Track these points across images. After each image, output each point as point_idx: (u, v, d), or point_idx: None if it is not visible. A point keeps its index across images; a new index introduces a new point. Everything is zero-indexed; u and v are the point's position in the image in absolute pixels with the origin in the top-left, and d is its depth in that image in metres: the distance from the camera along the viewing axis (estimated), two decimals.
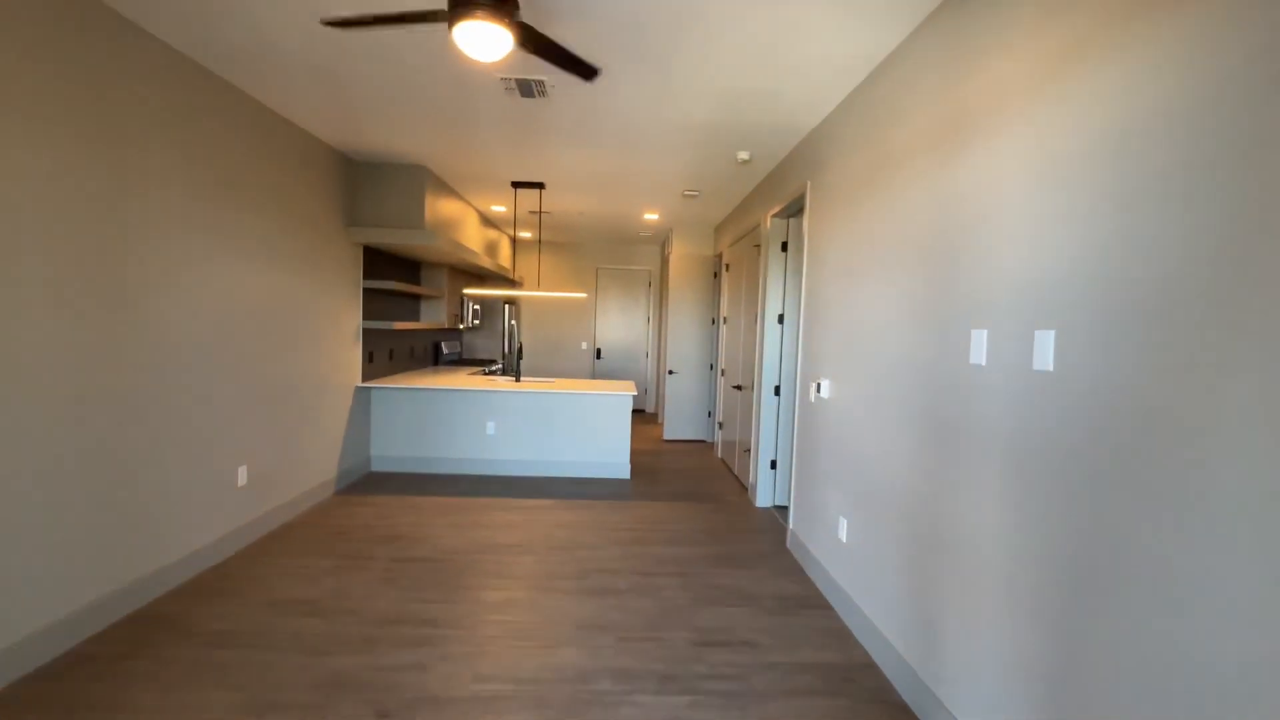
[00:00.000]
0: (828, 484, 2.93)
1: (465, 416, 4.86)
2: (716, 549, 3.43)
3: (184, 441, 2.74)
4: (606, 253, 8.45)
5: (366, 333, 4.67)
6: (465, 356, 7.53)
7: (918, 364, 2.10)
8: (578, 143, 3.79)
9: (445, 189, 4.99)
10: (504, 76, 2.78)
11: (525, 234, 7.73)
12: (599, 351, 8.51)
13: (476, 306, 6.95)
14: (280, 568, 2.98)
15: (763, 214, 4.39)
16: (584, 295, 5.00)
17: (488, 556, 3.21)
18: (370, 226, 4.41)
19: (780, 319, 4.20)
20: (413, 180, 4.49)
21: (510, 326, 7.73)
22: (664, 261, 7.76)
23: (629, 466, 4.91)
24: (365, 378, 4.66)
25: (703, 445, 6.46)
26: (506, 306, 7.50)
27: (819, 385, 3.06)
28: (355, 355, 4.51)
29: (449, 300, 5.94)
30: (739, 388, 5.02)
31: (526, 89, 2.89)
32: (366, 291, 4.63)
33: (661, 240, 7.92)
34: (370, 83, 2.91)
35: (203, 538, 2.89)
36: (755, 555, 3.36)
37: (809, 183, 3.36)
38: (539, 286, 8.42)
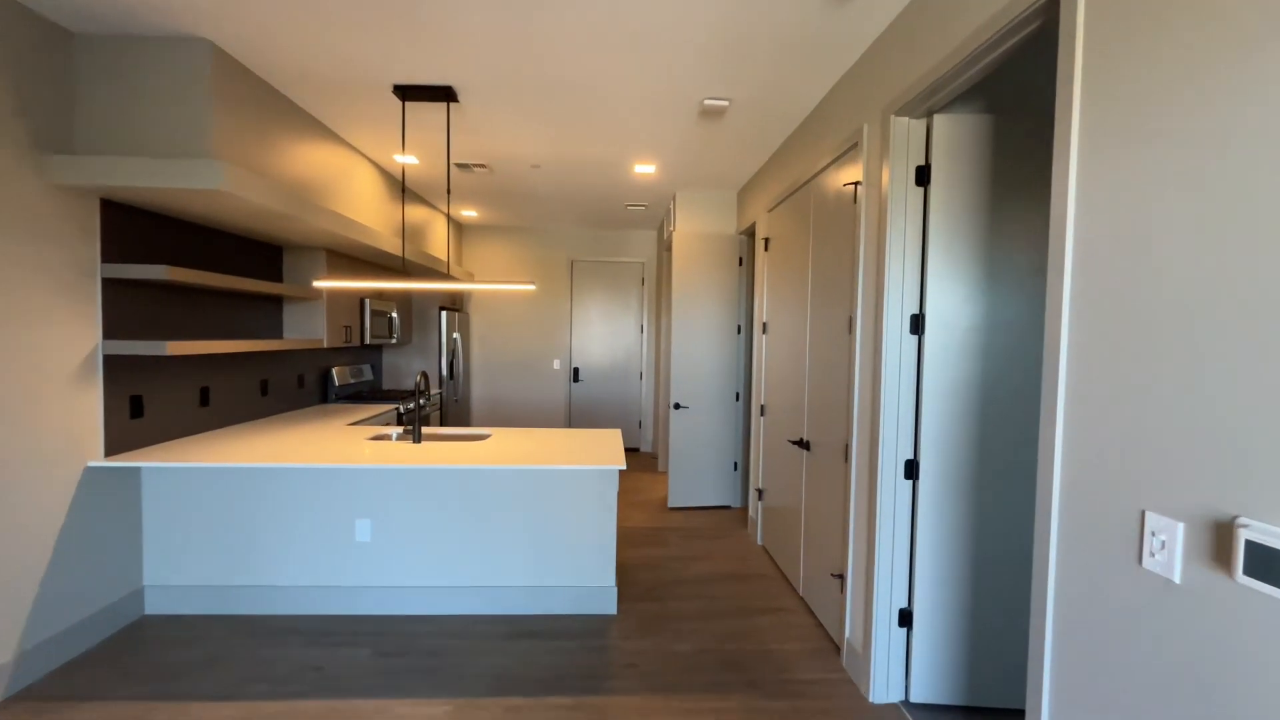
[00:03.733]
0: None
1: (318, 513, 2.69)
2: None
3: None
4: (584, 240, 6.33)
5: (129, 361, 2.51)
6: (386, 387, 5.37)
7: None
8: None
9: (265, 96, 2.83)
10: None
11: (469, 212, 5.60)
12: (576, 372, 6.36)
13: (393, 314, 4.79)
14: None
15: (868, 119, 2.28)
16: (531, 286, 2.90)
17: None
18: (109, 156, 2.24)
19: (917, 324, 2.08)
20: (182, 68, 2.35)
21: (451, 341, 5.58)
22: (662, 249, 5.65)
23: (614, 591, 2.75)
24: (118, 447, 2.48)
25: (728, 516, 4.31)
26: (444, 314, 5.35)
27: (1246, 542, 0.92)
28: (88, 405, 2.34)
29: (332, 305, 3.78)
30: (803, 445, 2.90)
31: None
32: (127, 285, 2.48)
33: (659, 222, 5.82)
34: None
35: None
36: None
37: None
38: (473, 280, 6.27)
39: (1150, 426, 1.05)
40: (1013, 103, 2.20)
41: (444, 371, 5.42)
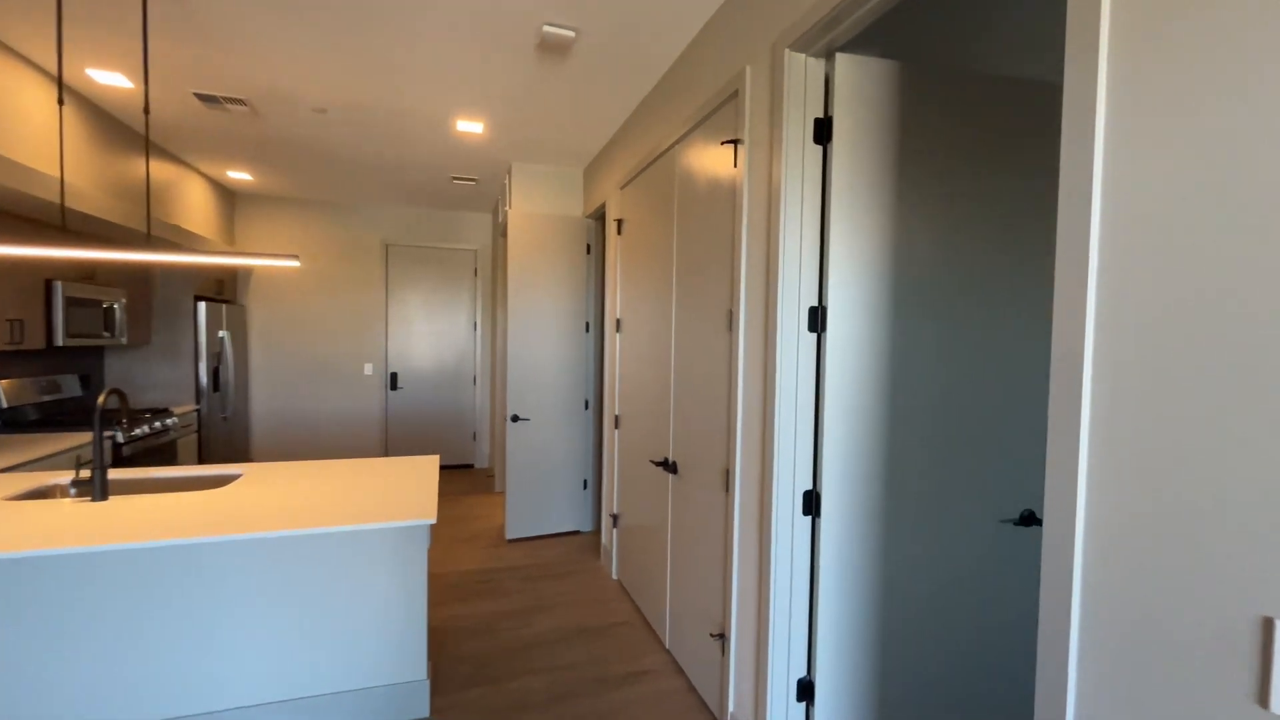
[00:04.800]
0: None
1: None
2: None
3: None
4: (403, 221, 5.32)
5: None
6: (108, 406, 3.92)
7: None
8: None
9: None
10: None
11: (241, 175, 4.34)
12: (394, 378, 5.33)
13: (115, 304, 3.45)
14: None
15: (752, 60, 1.81)
16: (292, 261, 2.04)
17: None
18: None
19: (816, 320, 1.64)
20: None
21: (217, 342, 4.26)
22: (498, 234, 4.88)
23: (426, 686, 2.00)
24: None
25: (578, 544, 3.72)
26: (202, 306, 4.05)
27: None
28: None
29: None
30: (668, 467, 2.39)
31: None
32: None
33: (494, 203, 5.04)
34: None
35: None
36: None
37: None
38: (243, 255, 4.96)
39: (1271, 480, 0.64)
40: (911, 51, 1.87)
41: (204, 381, 4.12)
